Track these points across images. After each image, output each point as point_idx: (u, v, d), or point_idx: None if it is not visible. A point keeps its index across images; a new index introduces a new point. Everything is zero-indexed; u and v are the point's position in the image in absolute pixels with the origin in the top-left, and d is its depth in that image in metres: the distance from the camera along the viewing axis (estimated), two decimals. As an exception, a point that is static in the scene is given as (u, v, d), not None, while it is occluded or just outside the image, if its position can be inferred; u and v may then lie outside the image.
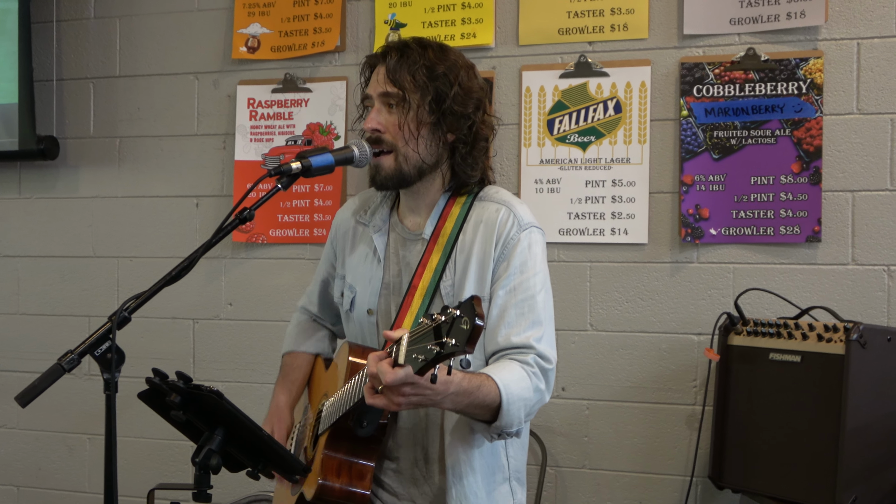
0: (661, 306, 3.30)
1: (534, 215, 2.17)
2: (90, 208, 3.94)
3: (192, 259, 1.91)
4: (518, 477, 2.21)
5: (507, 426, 1.96)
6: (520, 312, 2.05)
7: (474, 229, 2.13)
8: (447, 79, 2.10)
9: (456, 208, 2.17)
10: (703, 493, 3.26)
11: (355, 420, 1.98)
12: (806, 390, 2.77)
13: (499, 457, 2.15)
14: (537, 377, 2.01)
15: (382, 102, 2.12)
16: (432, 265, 2.13)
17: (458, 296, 2.08)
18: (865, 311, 3.11)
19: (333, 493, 2.01)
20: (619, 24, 3.34)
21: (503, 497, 2.16)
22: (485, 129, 2.18)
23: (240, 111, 3.72)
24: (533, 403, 2.01)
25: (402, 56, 2.11)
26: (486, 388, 1.91)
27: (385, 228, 2.24)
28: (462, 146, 2.14)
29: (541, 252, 2.13)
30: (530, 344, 2.03)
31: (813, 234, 3.14)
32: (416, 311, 2.11)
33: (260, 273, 3.72)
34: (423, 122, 2.10)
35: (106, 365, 1.79)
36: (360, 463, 2.04)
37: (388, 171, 2.12)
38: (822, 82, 3.14)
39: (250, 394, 3.70)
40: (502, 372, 1.96)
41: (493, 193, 2.19)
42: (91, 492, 3.91)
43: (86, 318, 3.89)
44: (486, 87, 2.22)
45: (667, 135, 3.30)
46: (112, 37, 3.92)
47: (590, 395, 3.37)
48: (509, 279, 2.07)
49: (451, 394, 1.83)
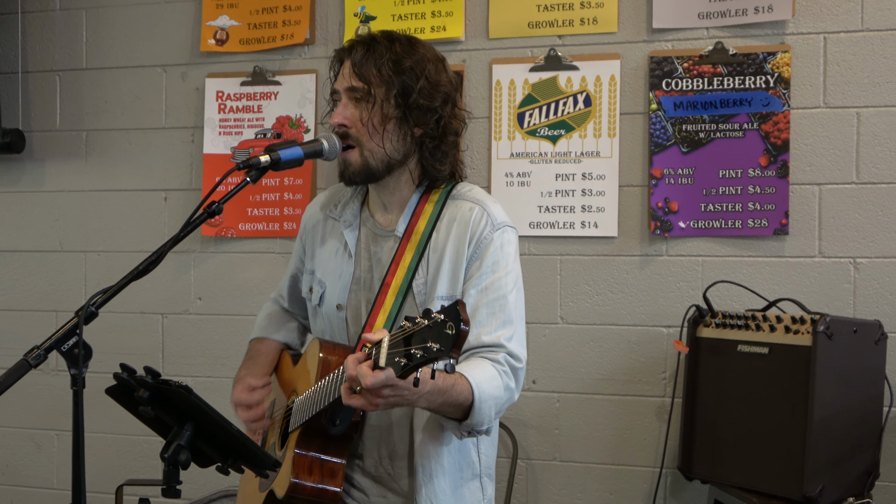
0: (631, 299, 3.32)
1: (507, 214, 2.17)
2: (57, 202, 3.90)
3: (160, 253, 1.89)
4: (489, 473, 2.22)
5: (477, 424, 1.97)
6: (491, 312, 2.05)
7: (447, 228, 2.12)
8: (414, 72, 2.08)
9: (429, 206, 2.15)
10: (672, 484, 3.28)
11: (328, 418, 1.97)
12: (773, 382, 2.80)
13: (468, 454, 2.16)
14: (508, 376, 2.02)
15: (349, 97, 2.11)
16: (405, 263, 2.12)
17: (431, 294, 2.08)
18: (832, 302, 3.14)
19: (305, 490, 2.01)
20: (588, 18, 3.35)
21: (472, 493, 2.16)
22: (454, 123, 2.17)
23: (208, 104, 3.69)
24: (503, 402, 2.02)
25: (368, 50, 2.10)
26: (460, 387, 1.91)
27: (356, 223, 2.23)
28: (430, 140, 2.12)
29: (513, 251, 2.13)
30: (501, 343, 2.03)
31: (780, 227, 3.17)
32: (388, 310, 2.10)
33: (230, 267, 3.70)
34: (388, 117, 2.08)
35: (73, 360, 1.77)
36: (331, 461, 2.04)
37: (356, 166, 2.11)
38: (790, 76, 3.17)
39: (220, 388, 3.66)
40: (474, 370, 1.96)
41: (466, 192, 2.18)
42: (59, 488, 3.88)
43: (53, 312, 3.85)
44: (457, 80, 2.20)
45: (636, 128, 3.31)
46: (78, 29, 3.88)
47: (560, 388, 3.39)
48: (481, 278, 2.07)
49: (426, 393, 1.83)
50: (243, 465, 2.02)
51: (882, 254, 3.12)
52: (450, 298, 2.06)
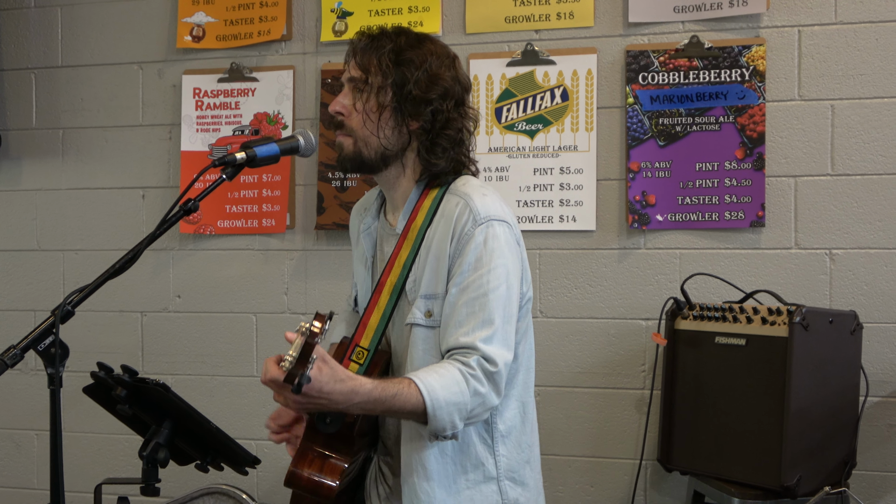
0: (610, 292, 3.33)
1: (501, 206, 2.08)
2: (34, 201, 3.88)
3: (136, 251, 1.89)
4: (512, 476, 2.12)
5: (439, 430, 1.92)
6: (470, 311, 1.98)
7: (437, 223, 2.08)
8: (413, 63, 2.06)
9: (427, 202, 2.11)
10: (652, 475, 3.30)
11: (319, 416, 1.97)
12: (751, 373, 2.82)
13: (474, 455, 2.08)
14: (477, 380, 1.93)
15: (350, 86, 2.11)
16: (401, 261, 2.09)
17: (417, 293, 2.06)
18: (808, 294, 3.17)
19: (302, 480, 2.01)
20: (564, 13, 3.36)
21: (483, 496, 2.09)
22: (456, 119, 2.12)
23: (185, 101, 3.68)
24: (472, 407, 1.93)
25: (372, 41, 2.10)
26: (405, 396, 1.87)
27: (374, 227, 2.24)
28: (425, 134, 2.09)
29: (500, 246, 2.03)
30: (475, 345, 1.95)
31: (757, 220, 3.19)
32: (382, 309, 2.09)
33: (209, 264, 3.69)
34: (383, 105, 2.07)
35: (49, 360, 1.77)
36: (333, 458, 2.02)
37: (347, 152, 2.10)
38: (765, 69, 3.19)
39: (200, 386, 3.67)
40: (431, 376, 1.91)
41: (460, 185, 2.12)
42: (39, 488, 3.86)
43: (31, 312, 3.83)
44: (468, 81, 2.18)
45: (613, 122, 3.32)
46: (53, 26, 3.85)
47: (540, 382, 3.38)
48: (462, 276, 2.01)
49: (356, 403, 1.84)
50: (222, 462, 2.02)
51: (857, 245, 3.15)
52: (433, 297, 2.04)
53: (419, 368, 1.99)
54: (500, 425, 2.10)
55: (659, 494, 3.31)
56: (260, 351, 3.65)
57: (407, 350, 2.07)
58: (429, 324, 2.04)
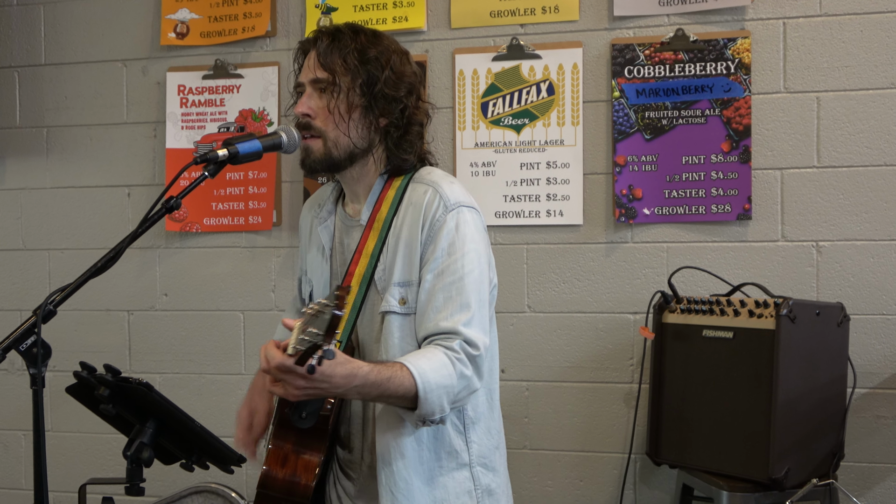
0: (597, 286, 3.33)
1: (466, 194, 2.13)
2: (18, 200, 3.85)
3: (119, 249, 1.87)
4: (484, 462, 2.15)
5: (428, 414, 1.94)
6: (447, 296, 2.01)
7: (405, 212, 2.10)
8: (379, 62, 2.09)
9: (391, 191, 2.14)
10: (641, 469, 3.31)
11: (294, 411, 1.96)
12: (738, 366, 2.82)
13: (447, 442, 2.10)
14: (462, 363, 1.97)
15: (314, 88, 2.11)
16: (368, 251, 2.11)
17: (388, 282, 2.07)
18: (795, 286, 3.17)
19: (276, 482, 2.00)
20: (550, 7, 3.35)
21: (457, 483, 2.11)
22: (418, 114, 2.17)
23: (170, 98, 3.66)
24: (458, 390, 1.97)
25: (333, 40, 2.10)
26: (398, 379, 1.89)
27: (331, 220, 2.24)
28: (395, 130, 2.12)
29: (472, 231, 2.07)
30: (457, 329, 1.98)
31: (743, 212, 3.19)
32: (352, 299, 2.09)
33: (195, 262, 3.67)
34: (353, 106, 2.09)
35: (32, 360, 1.76)
36: (306, 455, 2.02)
37: (317, 154, 2.11)
38: (750, 62, 3.19)
39: (188, 385, 3.66)
40: (420, 360, 1.93)
41: (425, 175, 2.16)
42: (28, 489, 3.84)
43: (17, 311, 3.80)
44: (420, 73, 2.22)
45: (599, 116, 3.32)
46: (36, 24, 3.83)
47: (529, 377, 3.40)
48: (436, 262, 2.04)
49: (354, 387, 1.84)
50: (207, 461, 2.01)
51: (844, 237, 3.15)
52: (406, 284, 2.06)
53: (396, 357, 2.00)
54: (469, 412, 2.13)
55: (648, 488, 3.31)
56: (248, 348, 3.64)
57: (378, 341, 2.08)
58: (404, 311, 2.06)
